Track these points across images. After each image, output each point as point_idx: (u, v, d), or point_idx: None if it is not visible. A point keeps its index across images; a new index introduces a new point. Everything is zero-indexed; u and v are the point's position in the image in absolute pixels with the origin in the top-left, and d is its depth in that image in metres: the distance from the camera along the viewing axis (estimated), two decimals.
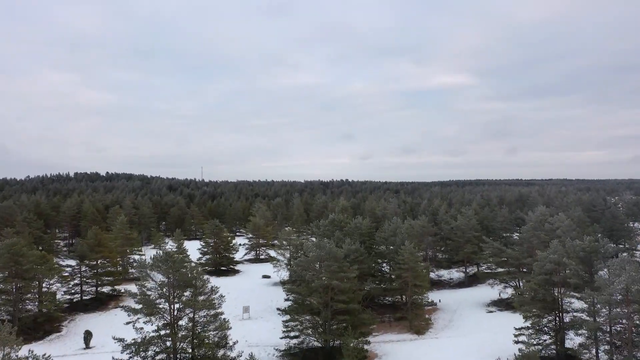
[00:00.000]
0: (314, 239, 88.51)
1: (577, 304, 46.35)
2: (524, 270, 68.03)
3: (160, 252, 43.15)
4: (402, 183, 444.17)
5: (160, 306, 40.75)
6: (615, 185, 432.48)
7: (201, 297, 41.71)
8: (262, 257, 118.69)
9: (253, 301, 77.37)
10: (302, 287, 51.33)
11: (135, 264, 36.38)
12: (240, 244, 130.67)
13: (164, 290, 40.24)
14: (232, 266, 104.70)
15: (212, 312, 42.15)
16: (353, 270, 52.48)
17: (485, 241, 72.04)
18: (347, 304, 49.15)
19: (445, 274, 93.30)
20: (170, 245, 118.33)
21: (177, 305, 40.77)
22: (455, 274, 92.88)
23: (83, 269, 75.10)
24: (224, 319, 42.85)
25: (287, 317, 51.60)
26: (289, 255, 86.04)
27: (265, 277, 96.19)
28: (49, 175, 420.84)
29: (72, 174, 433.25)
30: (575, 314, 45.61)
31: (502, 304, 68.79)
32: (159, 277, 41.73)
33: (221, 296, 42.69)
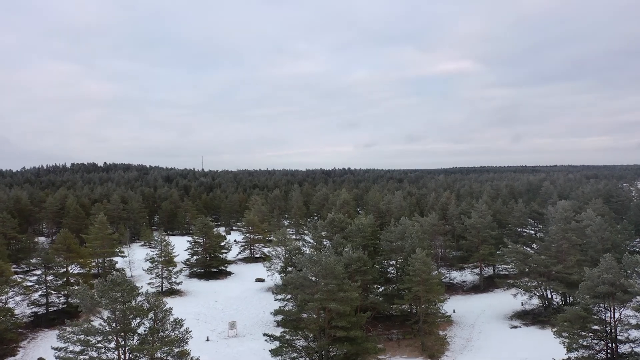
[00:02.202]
0: (310, 240, 79.42)
1: (635, 332, 37.29)
2: (554, 271, 58.83)
3: (151, 250, 33.97)
4: (405, 171, 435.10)
5: (109, 347, 31.72)
6: (623, 172, 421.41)
7: (162, 333, 32.66)
8: (257, 255, 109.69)
9: (243, 312, 68.58)
10: (292, 310, 42.36)
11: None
12: (235, 240, 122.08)
13: (112, 326, 31.13)
14: (223, 267, 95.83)
15: (177, 349, 33.14)
16: (355, 287, 43.39)
17: (506, 244, 62.81)
18: (347, 331, 40.14)
19: (457, 276, 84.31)
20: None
21: (128, 348, 31.76)
22: (469, 276, 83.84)
23: (49, 277, 66.19)
24: (192, 358, 33.84)
25: (277, 343, 42.70)
26: (284, 257, 76.91)
27: (258, 280, 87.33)
28: (45, 167, 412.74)
29: (68, 165, 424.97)
30: (632, 345, 36.55)
31: (527, 317, 59.73)
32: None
33: (187, 330, 33.59)
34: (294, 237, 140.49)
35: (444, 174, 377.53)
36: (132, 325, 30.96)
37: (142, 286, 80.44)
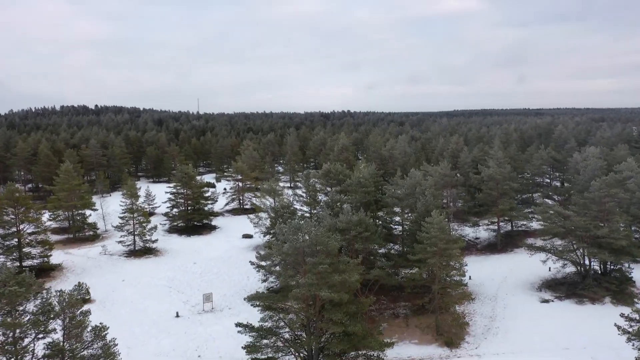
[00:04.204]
0: (303, 194, 68.96)
1: None
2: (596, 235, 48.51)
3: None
4: (407, 114, 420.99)
5: None
6: (629, 115, 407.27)
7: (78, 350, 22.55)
8: (246, 206, 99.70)
9: (224, 277, 59.10)
10: (272, 294, 32.45)
11: None
12: (225, 189, 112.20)
13: None
14: (207, 221, 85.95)
15: None
16: (355, 265, 33.19)
17: (536, 203, 52.50)
18: (344, 326, 30.23)
19: (470, 232, 74.55)
20: (145, 190, 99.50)
21: None
22: (483, 232, 73.92)
23: None
24: None
25: (253, 336, 33.00)
26: (271, 213, 66.65)
27: (246, 236, 77.68)
28: (34, 110, 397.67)
29: (58, 108, 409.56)
30: None
31: (559, 288, 50.08)
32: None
33: (113, 343, 23.51)
34: (289, 185, 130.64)
35: (446, 117, 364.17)
36: (24, 343, 20.80)
37: (104, 246, 71.70)
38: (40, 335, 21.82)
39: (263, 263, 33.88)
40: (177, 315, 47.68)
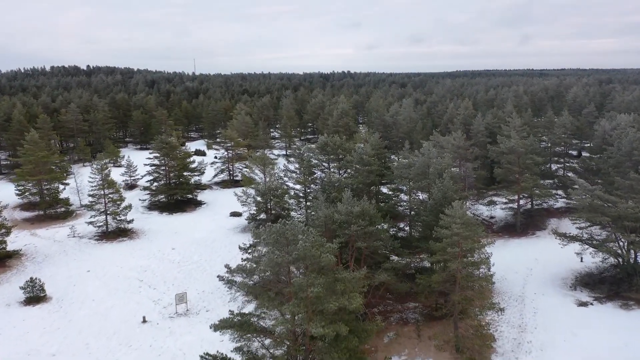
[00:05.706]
0: (296, 170, 60.33)
1: None
2: None
3: None
4: (408, 75, 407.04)
5: None
6: (637, 76, 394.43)
7: None
8: (237, 178, 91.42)
9: (205, 267, 51.35)
10: (247, 321, 24.54)
11: None
12: (216, 157, 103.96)
13: None
14: (192, 196, 77.74)
15: None
16: (358, 280, 25.15)
17: (571, 181, 44.22)
18: None
19: (484, 210, 66.60)
20: (126, 160, 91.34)
21: None
22: (499, 211, 65.81)
23: None
24: None
25: None
26: (259, 198, 58.33)
27: (234, 214, 69.71)
28: (23, 70, 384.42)
29: (48, 68, 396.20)
30: None
31: (598, 287, 42.26)
32: None
33: None
34: (284, 152, 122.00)
35: (449, 78, 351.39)
36: None
37: (73, 226, 63.52)
38: None
39: (236, 278, 25.87)
40: (144, 321, 40.02)
